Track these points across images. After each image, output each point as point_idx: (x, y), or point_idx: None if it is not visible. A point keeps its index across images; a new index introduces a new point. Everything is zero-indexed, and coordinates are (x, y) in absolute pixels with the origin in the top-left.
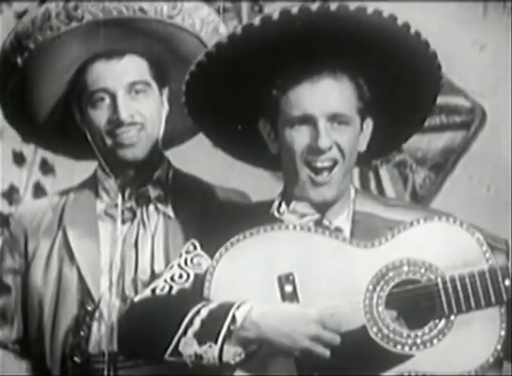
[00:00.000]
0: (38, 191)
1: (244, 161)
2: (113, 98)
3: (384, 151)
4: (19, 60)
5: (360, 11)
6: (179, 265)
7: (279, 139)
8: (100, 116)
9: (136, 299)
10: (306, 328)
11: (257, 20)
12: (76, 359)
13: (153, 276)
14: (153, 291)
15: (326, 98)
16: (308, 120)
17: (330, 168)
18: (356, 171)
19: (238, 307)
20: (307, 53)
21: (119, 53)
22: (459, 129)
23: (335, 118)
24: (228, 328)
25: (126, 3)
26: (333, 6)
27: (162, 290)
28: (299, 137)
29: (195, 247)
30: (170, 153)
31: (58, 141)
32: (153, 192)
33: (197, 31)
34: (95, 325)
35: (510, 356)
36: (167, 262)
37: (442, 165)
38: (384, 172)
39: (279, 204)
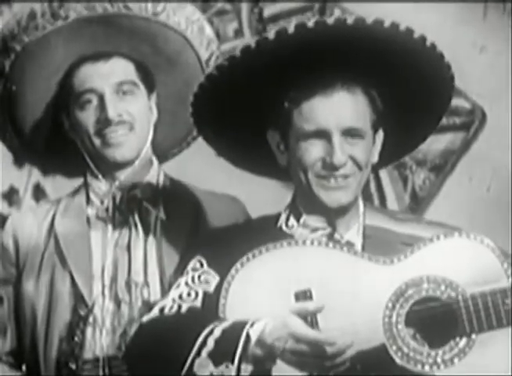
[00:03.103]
0: (38, 192)
1: (249, 171)
2: (101, 98)
3: (392, 159)
4: (6, 64)
5: (377, 24)
6: (186, 283)
7: (290, 151)
8: (88, 117)
9: (144, 320)
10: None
11: (272, 34)
12: (71, 365)
13: (146, 278)
14: (162, 310)
15: (340, 112)
16: (322, 134)
17: (343, 179)
18: None
19: (252, 325)
20: (320, 66)
21: (105, 55)
22: (459, 130)
23: (349, 132)
24: (244, 347)
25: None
26: (350, 19)
27: (171, 309)
28: (312, 151)
29: (201, 265)
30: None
31: (47, 156)
32: (144, 195)
33: (183, 30)
34: (89, 330)
35: None
36: (160, 265)
37: (442, 166)
38: (383, 174)
39: (287, 218)
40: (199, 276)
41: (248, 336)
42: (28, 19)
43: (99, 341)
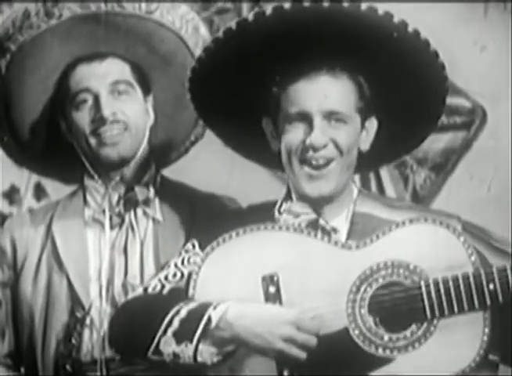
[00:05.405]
0: (39, 192)
1: (252, 160)
2: (96, 98)
3: (395, 155)
4: (2, 64)
5: (354, 8)
6: (175, 265)
7: (279, 136)
8: (84, 117)
9: (128, 297)
10: (279, 330)
11: (268, 9)
12: (68, 367)
13: (143, 280)
14: (146, 289)
15: (322, 95)
16: (305, 116)
17: (325, 165)
18: None
19: (215, 307)
20: (305, 50)
21: (101, 56)
22: (459, 130)
23: (331, 116)
24: (204, 328)
25: None
26: (327, 3)
27: (154, 289)
28: (294, 133)
29: (193, 247)
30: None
31: (45, 161)
32: (141, 196)
33: (177, 29)
34: (86, 333)
35: (509, 360)
36: (157, 267)
37: (443, 165)
38: (384, 173)
39: (281, 204)
40: (188, 258)
41: (210, 318)
42: (23, 19)
43: (97, 344)
